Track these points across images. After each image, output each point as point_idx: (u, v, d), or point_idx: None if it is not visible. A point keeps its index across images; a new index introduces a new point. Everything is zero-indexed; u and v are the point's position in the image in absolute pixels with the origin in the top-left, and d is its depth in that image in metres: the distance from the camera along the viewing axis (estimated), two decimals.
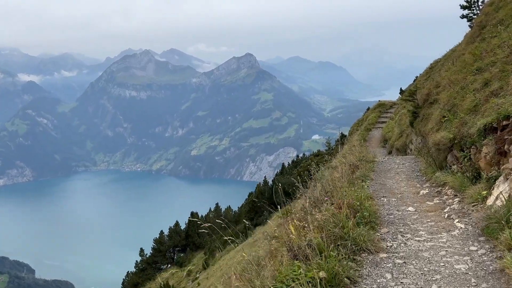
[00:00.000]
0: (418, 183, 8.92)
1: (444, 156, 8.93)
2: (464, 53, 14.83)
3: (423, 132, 14.40)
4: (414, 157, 14.38)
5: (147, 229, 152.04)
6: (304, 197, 6.73)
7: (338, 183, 6.91)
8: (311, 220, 4.86)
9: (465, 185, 6.97)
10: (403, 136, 23.05)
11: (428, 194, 7.71)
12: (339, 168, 8.81)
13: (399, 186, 8.70)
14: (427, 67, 32.88)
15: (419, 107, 17.28)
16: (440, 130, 10.00)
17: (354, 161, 10.95)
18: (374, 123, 39.10)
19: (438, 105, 12.03)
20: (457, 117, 8.68)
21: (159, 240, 49.75)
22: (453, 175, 7.75)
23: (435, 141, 8.94)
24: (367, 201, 6.21)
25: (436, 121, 11.04)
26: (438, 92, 14.46)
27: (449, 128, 8.92)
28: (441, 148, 8.77)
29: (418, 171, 10.70)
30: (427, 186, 8.39)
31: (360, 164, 10.85)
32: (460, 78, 10.84)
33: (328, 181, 7.39)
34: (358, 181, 8.09)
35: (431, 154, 9.45)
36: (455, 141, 8.20)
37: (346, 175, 7.97)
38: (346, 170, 8.61)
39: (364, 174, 9.13)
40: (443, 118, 9.96)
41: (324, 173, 10.10)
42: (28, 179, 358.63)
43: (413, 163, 12.50)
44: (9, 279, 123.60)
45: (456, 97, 9.92)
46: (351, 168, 9.37)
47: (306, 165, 33.91)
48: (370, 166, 11.52)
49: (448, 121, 9.41)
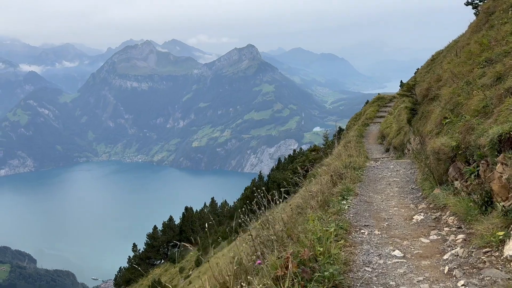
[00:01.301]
0: (412, 201, 7.40)
1: (445, 168, 7.35)
2: (469, 43, 13.34)
3: (421, 132, 12.95)
4: (410, 161, 12.92)
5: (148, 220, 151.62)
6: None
7: (312, 202, 5.40)
8: None
9: (472, 213, 5.36)
10: (401, 133, 21.67)
11: (423, 222, 6.10)
12: (319, 181, 7.31)
13: (388, 206, 7.09)
14: (429, 59, 30.97)
15: (417, 103, 15.87)
16: (440, 134, 8.49)
17: (340, 167, 9.51)
18: (372, 118, 37.48)
19: (439, 103, 10.56)
20: (461, 119, 7.22)
21: (152, 235, 48.68)
22: (455, 196, 6.26)
23: (435, 149, 7.38)
24: (335, 247, 4.41)
25: (436, 122, 9.57)
26: (439, 87, 13.04)
27: (451, 133, 7.38)
28: (442, 158, 7.25)
29: (414, 182, 9.18)
30: (423, 209, 6.84)
31: (347, 171, 9.35)
32: (465, 71, 9.31)
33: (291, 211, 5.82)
34: (338, 199, 6.59)
35: (429, 164, 7.90)
36: (459, 151, 6.64)
37: (327, 188, 6.49)
38: (327, 182, 7.14)
39: (347, 188, 7.54)
40: (445, 120, 8.42)
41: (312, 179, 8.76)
42: (30, 170, 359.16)
43: (408, 170, 11.02)
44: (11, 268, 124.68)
45: (461, 94, 8.39)
46: (333, 179, 7.88)
47: (302, 160, 32.62)
48: (357, 174, 10.02)
49: (451, 124, 7.92)
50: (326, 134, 39.24)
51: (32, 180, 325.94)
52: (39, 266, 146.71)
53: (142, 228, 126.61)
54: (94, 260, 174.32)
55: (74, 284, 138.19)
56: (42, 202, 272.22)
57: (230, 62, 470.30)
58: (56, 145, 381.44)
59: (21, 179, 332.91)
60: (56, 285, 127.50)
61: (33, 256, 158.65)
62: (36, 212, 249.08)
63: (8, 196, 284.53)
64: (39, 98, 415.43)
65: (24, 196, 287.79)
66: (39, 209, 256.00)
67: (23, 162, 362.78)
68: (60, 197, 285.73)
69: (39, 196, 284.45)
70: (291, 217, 5.70)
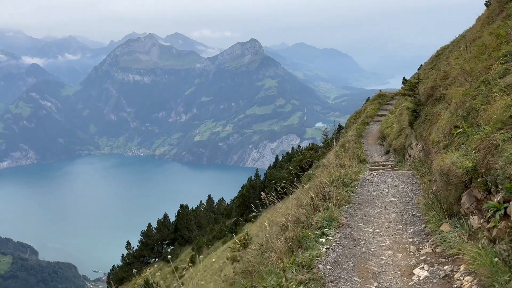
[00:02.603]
0: (413, 238, 5.73)
1: (456, 196, 5.56)
2: (481, 36, 11.91)
3: (425, 138, 11.41)
4: (411, 173, 11.18)
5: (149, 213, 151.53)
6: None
7: (278, 243, 3.97)
8: None
9: (500, 278, 3.65)
10: (402, 135, 20.30)
11: (428, 283, 4.40)
12: (298, 201, 5.84)
13: (380, 247, 5.37)
14: (433, 54, 29.69)
15: (421, 104, 14.26)
16: (450, 148, 6.83)
17: (326, 183, 7.93)
18: (373, 116, 35.75)
19: (447, 106, 8.95)
20: (479, 131, 5.55)
21: (146, 233, 47.70)
22: (472, 242, 4.65)
23: (443, 168, 5.59)
24: None
25: (444, 131, 7.86)
26: (447, 85, 11.58)
27: (465, 149, 5.65)
28: (452, 182, 5.45)
29: (415, 205, 7.47)
30: (427, 255, 5.09)
31: (334, 189, 7.79)
32: (481, 67, 7.67)
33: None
34: (316, 234, 5.04)
35: (436, 188, 6.00)
36: (477, 175, 4.96)
37: (305, 213, 5.08)
38: (307, 205, 5.75)
39: (331, 216, 5.90)
40: (456, 129, 6.69)
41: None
42: (32, 162, 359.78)
43: (409, 186, 9.29)
44: (13, 260, 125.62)
45: (476, 96, 6.72)
46: (314, 202, 6.36)
47: (299, 160, 31.40)
48: (347, 191, 8.44)
49: (464, 136, 6.25)
50: (326, 132, 37.83)
51: (34, 172, 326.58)
52: (41, 258, 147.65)
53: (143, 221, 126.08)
54: (96, 253, 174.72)
55: (76, 276, 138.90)
56: (44, 194, 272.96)
57: (232, 56, 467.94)
58: (58, 138, 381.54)
59: (23, 171, 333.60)
60: (58, 277, 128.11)
61: (35, 248, 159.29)
62: (38, 205, 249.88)
63: (10, 188, 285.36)
64: (42, 91, 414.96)
65: (26, 188, 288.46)
66: (41, 201, 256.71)
67: (25, 154, 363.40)
68: (62, 189, 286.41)
69: (41, 189, 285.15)
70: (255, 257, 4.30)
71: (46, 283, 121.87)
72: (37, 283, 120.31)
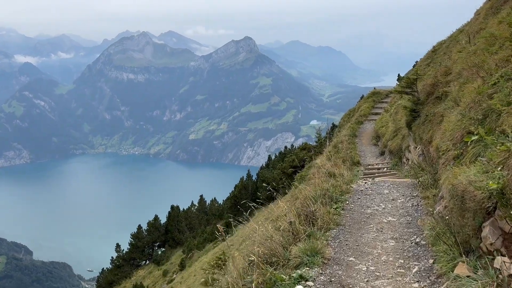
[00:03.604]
0: (419, 283, 4.43)
1: (476, 226, 4.23)
2: (485, 27, 11.04)
3: (425, 142, 10.38)
4: (411, 183, 10.00)
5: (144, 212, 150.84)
6: None
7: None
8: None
9: None
10: (398, 135, 19.32)
11: None
12: (275, 224, 4.92)
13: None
14: (429, 50, 28.87)
15: (420, 102, 13.26)
16: (463, 160, 5.43)
17: (311, 198, 6.86)
18: (367, 115, 34.64)
19: (453, 105, 7.81)
20: (504, 140, 4.37)
21: (136, 235, 46.62)
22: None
23: (456, 188, 4.33)
24: None
25: (453, 137, 6.59)
26: (449, 81, 10.61)
27: (486, 164, 4.36)
28: (469, 207, 4.15)
29: (419, 230, 6.19)
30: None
31: (320, 207, 6.63)
32: (496, 59, 6.50)
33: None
34: (292, 278, 3.97)
35: (448, 217, 4.65)
36: (505, 201, 3.78)
37: (281, 244, 4.01)
38: (284, 231, 4.78)
39: (313, 249, 4.71)
40: (469, 136, 5.20)
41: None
42: (25, 161, 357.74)
43: (409, 200, 8.12)
44: (7, 260, 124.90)
45: (494, 94, 5.58)
46: (293, 229, 5.21)
47: (291, 160, 30.52)
48: (336, 209, 7.31)
49: (481, 145, 4.98)
50: (319, 131, 36.94)
51: (28, 172, 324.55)
52: (35, 257, 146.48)
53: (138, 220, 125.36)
54: (90, 252, 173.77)
55: (71, 276, 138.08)
56: (38, 194, 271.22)
57: (227, 54, 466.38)
58: (52, 137, 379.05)
59: (16, 171, 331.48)
60: (53, 276, 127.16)
61: (30, 248, 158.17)
62: (32, 204, 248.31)
63: (4, 187, 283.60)
64: (35, 90, 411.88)
65: (19, 188, 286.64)
66: (35, 201, 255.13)
67: (18, 153, 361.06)
68: (56, 189, 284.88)
69: (35, 188, 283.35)
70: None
71: (41, 283, 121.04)
72: (31, 283, 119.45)
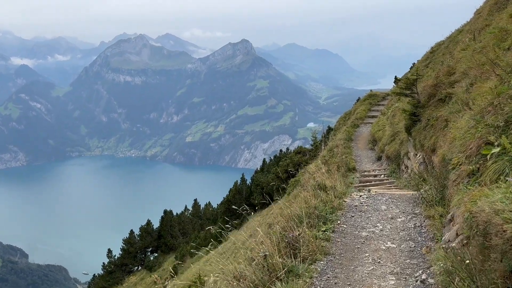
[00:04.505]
0: None
1: (505, 272, 3.16)
2: (489, 24, 11.05)
3: (427, 149, 10.08)
4: (412, 196, 9.29)
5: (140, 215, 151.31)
6: None
7: None
8: None
9: None
10: (396, 140, 18.56)
11: None
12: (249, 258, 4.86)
13: None
14: (427, 51, 28.88)
15: (420, 105, 12.39)
16: (483, 179, 4.61)
17: (295, 219, 6.43)
18: (363, 118, 33.71)
19: (461, 109, 7.17)
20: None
21: (128, 240, 46.38)
22: None
23: (476, 219, 3.61)
24: None
25: (465, 147, 5.60)
26: (453, 82, 10.19)
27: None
28: (497, 245, 3.27)
29: (424, 260, 5.66)
30: None
31: (306, 229, 6.15)
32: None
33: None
34: None
35: (466, 254, 3.80)
36: None
37: (256, 279, 4.09)
38: (257, 268, 4.59)
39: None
40: (488, 148, 4.64)
41: None
42: (22, 164, 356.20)
43: (411, 220, 7.41)
44: (2, 263, 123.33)
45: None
46: (269, 265, 4.89)
47: (286, 164, 31.95)
48: (324, 233, 6.64)
49: (505, 159, 4.30)
50: (315, 134, 37.87)
51: (24, 174, 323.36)
52: (31, 261, 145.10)
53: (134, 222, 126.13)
54: (86, 255, 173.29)
55: (66, 279, 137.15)
56: (34, 196, 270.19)
57: (224, 57, 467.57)
58: (48, 140, 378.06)
59: (13, 173, 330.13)
60: (48, 280, 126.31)
61: (25, 251, 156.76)
62: (28, 207, 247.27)
63: (0, 190, 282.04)
64: (31, 92, 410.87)
65: (15, 190, 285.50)
66: (31, 203, 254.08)
67: (14, 156, 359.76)
68: (52, 191, 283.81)
69: (31, 191, 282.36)
70: None
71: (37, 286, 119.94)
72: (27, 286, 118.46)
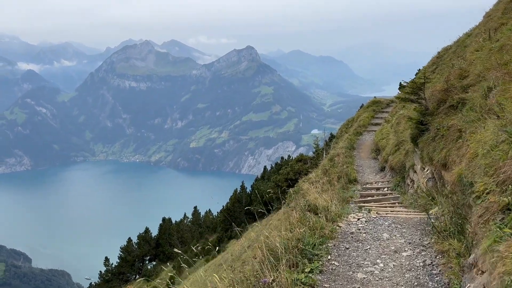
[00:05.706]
0: None
1: None
2: (506, 22, 10.20)
3: (436, 164, 8.80)
4: (420, 221, 8.02)
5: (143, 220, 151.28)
6: None
7: None
8: None
9: None
10: (400, 150, 17.44)
11: None
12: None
13: None
14: (434, 56, 27.38)
15: (428, 112, 10.92)
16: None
17: (270, 256, 5.22)
18: (366, 125, 32.55)
19: (483, 117, 6.24)
20: None
21: (126, 249, 46.01)
22: None
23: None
24: None
25: (495, 169, 4.34)
26: (467, 86, 9.01)
27: None
28: None
29: None
30: None
31: (284, 272, 4.87)
32: None
33: None
34: None
35: None
36: None
37: None
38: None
39: None
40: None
41: None
42: (26, 168, 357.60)
43: (418, 256, 6.10)
44: (6, 267, 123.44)
45: None
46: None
47: (286, 172, 31.88)
48: (308, 278, 5.19)
49: None
50: (317, 141, 37.65)
51: (29, 179, 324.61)
52: (34, 265, 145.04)
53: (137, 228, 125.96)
54: (89, 260, 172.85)
55: (69, 284, 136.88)
56: (38, 201, 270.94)
57: (229, 63, 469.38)
58: (53, 144, 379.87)
59: (17, 177, 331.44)
60: (51, 284, 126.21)
61: (29, 255, 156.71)
62: (32, 211, 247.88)
63: (4, 194, 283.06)
64: (37, 97, 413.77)
65: (20, 194, 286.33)
66: (35, 208, 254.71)
67: (19, 160, 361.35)
68: (57, 196, 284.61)
69: (35, 195, 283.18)
70: None
71: None
72: None
